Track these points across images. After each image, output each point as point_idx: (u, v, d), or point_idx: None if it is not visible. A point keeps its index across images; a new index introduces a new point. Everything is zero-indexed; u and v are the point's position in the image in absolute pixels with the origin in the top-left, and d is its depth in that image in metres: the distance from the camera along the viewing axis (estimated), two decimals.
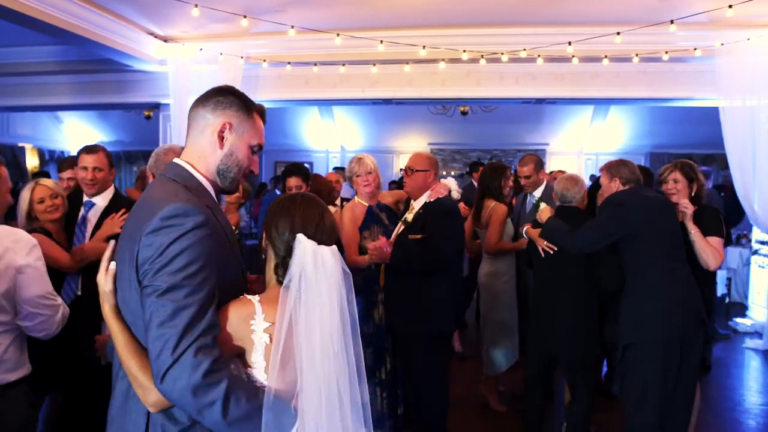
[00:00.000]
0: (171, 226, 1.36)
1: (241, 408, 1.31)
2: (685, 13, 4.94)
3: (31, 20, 4.82)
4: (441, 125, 10.66)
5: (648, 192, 3.30)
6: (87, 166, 3.22)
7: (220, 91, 1.62)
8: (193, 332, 1.30)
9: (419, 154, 3.57)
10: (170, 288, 1.33)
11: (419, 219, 3.34)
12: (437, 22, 5.74)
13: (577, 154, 11.22)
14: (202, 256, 1.36)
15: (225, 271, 1.48)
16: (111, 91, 7.27)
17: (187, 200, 1.43)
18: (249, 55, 6.31)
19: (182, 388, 1.28)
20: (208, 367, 1.29)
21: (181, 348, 1.29)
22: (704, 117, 6.54)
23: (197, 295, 1.33)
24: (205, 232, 1.39)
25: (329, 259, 1.42)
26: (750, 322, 6.72)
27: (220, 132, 1.58)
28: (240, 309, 1.41)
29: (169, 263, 1.34)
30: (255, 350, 1.38)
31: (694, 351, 3.10)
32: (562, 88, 6.42)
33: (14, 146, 11.22)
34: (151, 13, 5.70)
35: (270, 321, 1.38)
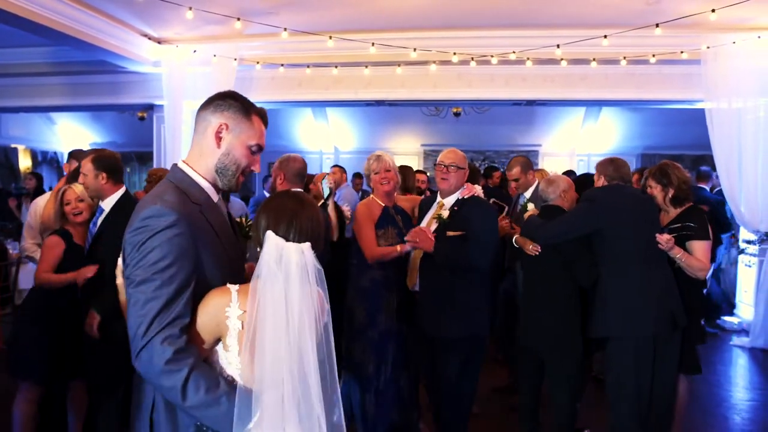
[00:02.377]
0: (146, 227, 1.51)
1: (199, 396, 1.45)
2: (670, 17, 5.02)
3: (24, 22, 4.84)
4: (434, 126, 10.71)
5: (627, 189, 3.34)
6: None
7: (222, 95, 1.73)
8: (159, 321, 1.46)
9: (455, 151, 3.40)
10: (142, 281, 1.49)
11: (456, 216, 3.24)
12: (427, 24, 5.81)
13: (570, 155, 11.27)
14: (171, 254, 1.50)
15: (211, 264, 1.60)
16: (104, 93, 7.29)
17: (166, 202, 1.55)
18: (242, 57, 6.36)
19: (150, 370, 1.46)
20: (170, 356, 1.44)
21: (149, 335, 1.45)
22: (695, 118, 6.62)
23: (165, 289, 1.48)
24: (177, 231, 1.51)
25: (294, 257, 1.50)
26: (737, 320, 6.81)
27: (217, 132, 1.68)
28: (219, 297, 1.53)
29: (142, 259, 1.49)
30: (229, 335, 1.50)
31: (671, 349, 3.15)
32: (551, 90, 6.50)
33: (7, 147, 11.22)
34: (144, 15, 5.73)
35: (243, 309, 1.49)
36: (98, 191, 3.27)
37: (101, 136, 11.82)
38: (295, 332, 1.46)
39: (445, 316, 3.19)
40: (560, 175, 3.79)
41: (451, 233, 3.18)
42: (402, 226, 3.51)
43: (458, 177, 3.31)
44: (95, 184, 3.26)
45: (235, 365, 1.51)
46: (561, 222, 3.31)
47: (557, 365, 3.49)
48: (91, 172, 3.25)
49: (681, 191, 3.36)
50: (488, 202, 3.47)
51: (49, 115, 11.37)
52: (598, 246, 3.23)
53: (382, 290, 3.43)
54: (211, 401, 1.45)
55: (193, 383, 1.44)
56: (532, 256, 3.52)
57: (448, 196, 3.35)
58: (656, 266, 3.16)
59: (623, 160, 3.43)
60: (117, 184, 3.32)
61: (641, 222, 3.20)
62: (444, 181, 3.33)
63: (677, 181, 3.36)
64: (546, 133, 11.08)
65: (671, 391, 3.24)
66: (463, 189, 3.33)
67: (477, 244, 3.13)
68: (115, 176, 3.30)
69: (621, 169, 3.33)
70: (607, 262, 3.21)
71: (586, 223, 3.23)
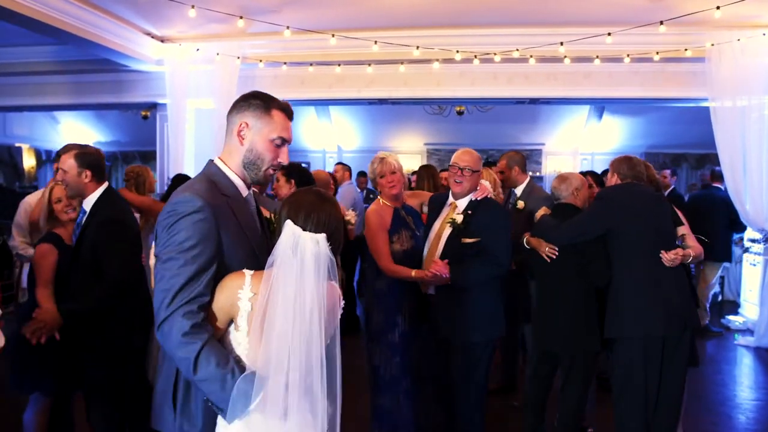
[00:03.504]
0: (174, 211, 1.66)
1: (209, 370, 1.56)
2: (674, 14, 4.99)
3: (28, 20, 4.85)
4: (437, 125, 10.70)
5: (639, 188, 3.31)
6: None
7: (245, 96, 1.84)
8: (181, 297, 1.59)
9: (470, 152, 3.28)
10: (168, 259, 1.62)
11: (470, 221, 3.14)
12: (430, 22, 5.80)
13: (573, 153, 11.26)
14: (195, 236, 1.62)
15: (233, 251, 1.71)
16: (108, 91, 7.29)
17: (195, 190, 1.69)
18: (245, 56, 6.36)
19: (169, 340, 1.59)
20: (187, 329, 1.56)
21: (171, 308, 1.58)
22: (699, 117, 6.59)
23: (189, 267, 1.61)
24: (201, 217, 1.64)
25: (309, 246, 1.59)
26: (742, 320, 6.78)
27: (239, 131, 1.81)
28: (234, 280, 1.63)
29: (170, 239, 1.64)
30: (240, 315, 1.61)
31: (680, 350, 3.12)
32: (555, 88, 6.48)
33: (11, 146, 11.24)
34: (148, 14, 5.74)
35: (254, 292, 1.59)
36: (80, 190, 3.06)
37: (105, 135, 11.84)
38: (306, 321, 1.54)
39: (462, 321, 3.13)
40: (574, 173, 3.74)
41: (466, 240, 3.10)
42: (414, 227, 3.45)
43: (473, 180, 3.22)
44: (77, 182, 3.03)
45: (244, 346, 1.61)
46: (575, 223, 3.31)
47: (573, 367, 3.47)
48: (73, 168, 3.01)
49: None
50: (500, 204, 3.39)
51: (53, 114, 11.39)
52: (610, 245, 3.23)
53: (399, 293, 3.37)
54: (219, 376, 1.55)
55: (205, 357, 1.56)
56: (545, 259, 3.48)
57: (460, 198, 3.26)
58: (667, 266, 3.13)
59: (639, 158, 3.39)
60: (99, 182, 3.10)
61: (651, 221, 3.18)
62: (458, 184, 3.23)
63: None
64: (549, 131, 11.06)
65: (679, 391, 3.20)
66: (476, 191, 3.24)
67: (492, 255, 3.06)
68: (98, 174, 3.09)
69: (635, 168, 3.32)
70: (618, 261, 3.20)
71: (599, 222, 3.23)
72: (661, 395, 3.14)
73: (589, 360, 3.49)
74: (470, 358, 3.16)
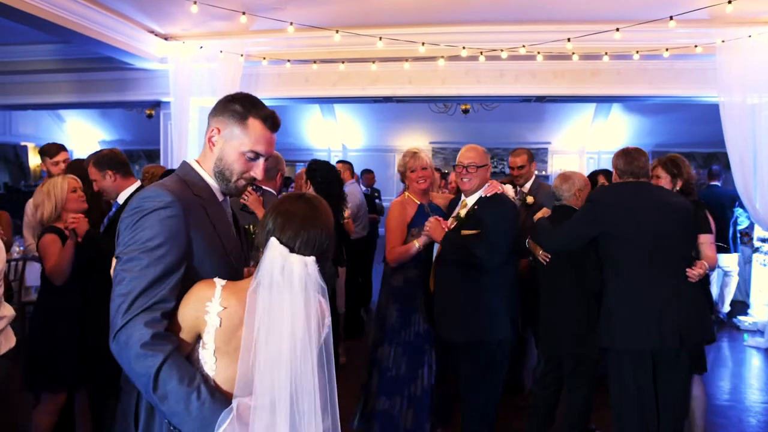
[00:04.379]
0: (140, 207, 1.48)
1: (170, 387, 1.36)
2: (684, 9, 4.91)
3: (32, 18, 4.83)
4: (442, 124, 10.67)
5: (636, 187, 3.04)
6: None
7: (226, 98, 1.67)
8: (141, 302, 1.40)
9: (475, 147, 3.22)
10: (129, 259, 1.44)
11: (473, 215, 3.11)
12: (435, 19, 5.73)
13: (579, 152, 11.20)
14: (162, 234, 1.45)
15: (204, 254, 1.54)
16: (112, 90, 7.27)
17: (164, 186, 1.53)
18: (249, 53, 6.32)
19: (125, 352, 1.40)
20: (147, 339, 1.37)
21: (129, 315, 1.40)
22: (707, 115, 6.52)
23: (152, 269, 1.42)
24: (170, 213, 1.47)
25: (297, 270, 1.43)
26: (751, 320, 6.69)
27: (209, 137, 1.65)
28: (202, 289, 1.46)
29: (133, 237, 1.46)
30: (207, 331, 1.43)
31: (677, 365, 2.93)
32: (562, 86, 6.40)
33: (17, 145, 11.27)
34: (151, 11, 5.71)
35: (224, 306, 1.43)
36: (114, 190, 3.26)
37: (110, 134, 11.86)
38: (296, 346, 1.39)
39: (457, 320, 3.07)
40: (577, 173, 3.60)
41: (465, 232, 3.06)
42: None
43: (479, 175, 3.14)
44: (107, 185, 3.25)
45: (210, 365, 1.44)
46: (564, 230, 3.13)
47: (578, 371, 3.42)
48: (97, 175, 3.25)
49: (688, 186, 3.29)
50: (511, 201, 3.27)
51: (59, 113, 11.43)
52: (600, 250, 3.04)
53: (416, 290, 3.31)
54: (182, 395, 1.37)
55: (166, 372, 1.37)
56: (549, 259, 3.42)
57: (470, 195, 3.21)
58: (664, 273, 2.91)
59: (640, 151, 3.08)
60: (127, 177, 3.31)
61: (647, 226, 2.91)
62: (465, 182, 3.18)
63: (687, 175, 3.28)
64: (555, 130, 11.01)
65: (681, 399, 3.04)
66: (486, 187, 3.17)
67: (485, 242, 3.01)
68: (122, 170, 3.28)
69: (633, 163, 3.03)
70: (607, 268, 3.01)
71: (587, 227, 3.02)
72: (662, 403, 2.98)
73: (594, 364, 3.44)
74: (477, 361, 3.07)
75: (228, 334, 1.43)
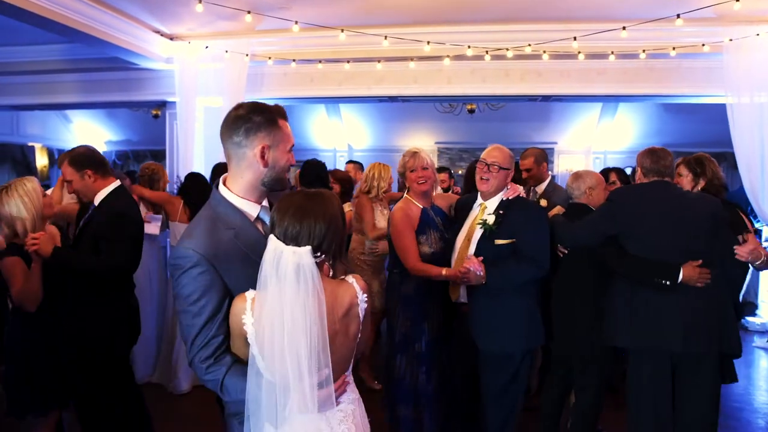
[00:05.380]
0: (177, 265, 1.74)
1: (234, 395, 1.73)
2: (692, 7, 4.87)
3: (38, 18, 4.84)
4: (448, 124, 10.62)
5: (659, 187, 2.99)
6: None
7: (244, 115, 1.77)
8: (197, 344, 1.73)
9: (500, 148, 3.09)
10: (181, 311, 1.76)
11: (503, 221, 2.94)
12: (441, 18, 5.71)
13: (586, 152, 11.12)
14: (198, 290, 1.71)
15: (243, 284, 1.73)
16: (118, 90, 7.29)
17: (193, 243, 1.72)
18: (254, 53, 6.32)
19: (198, 375, 1.78)
20: (205, 368, 1.74)
21: (192, 353, 1.75)
22: (715, 115, 6.46)
23: (198, 318, 1.72)
24: (200, 270, 1.71)
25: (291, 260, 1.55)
26: (760, 321, 6.64)
27: (261, 155, 1.78)
28: (237, 305, 1.68)
29: (179, 291, 1.75)
30: (249, 338, 1.64)
31: (700, 373, 2.85)
32: (568, 85, 6.37)
33: (24, 145, 11.31)
34: (156, 11, 5.72)
35: (255, 316, 1.62)
36: (90, 191, 3.06)
37: (116, 135, 11.89)
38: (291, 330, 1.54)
39: (499, 330, 2.95)
40: (590, 171, 3.60)
41: (499, 242, 2.91)
42: (443, 228, 3.26)
43: (500, 178, 3.02)
44: (84, 185, 3.04)
45: (261, 362, 1.63)
46: (582, 224, 3.10)
47: (586, 372, 3.38)
48: (74, 175, 3.02)
49: (712, 186, 3.19)
50: (534, 202, 3.24)
51: (65, 113, 11.46)
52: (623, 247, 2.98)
53: (426, 298, 3.21)
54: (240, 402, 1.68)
55: (227, 386, 1.73)
56: (562, 260, 3.39)
57: (489, 198, 3.07)
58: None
59: (666, 151, 3.04)
60: (106, 177, 3.10)
61: (668, 227, 2.86)
62: (484, 182, 3.03)
63: (711, 174, 3.19)
64: (562, 130, 10.94)
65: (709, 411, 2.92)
66: (506, 190, 3.05)
67: (530, 257, 2.86)
68: (101, 170, 3.07)
69: (659, 162, 2.98)
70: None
71: (605, 225, 2.99)
72: (688, 415, 2.88)
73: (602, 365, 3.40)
74: (506, 371, 2.98)
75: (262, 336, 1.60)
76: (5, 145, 10.80)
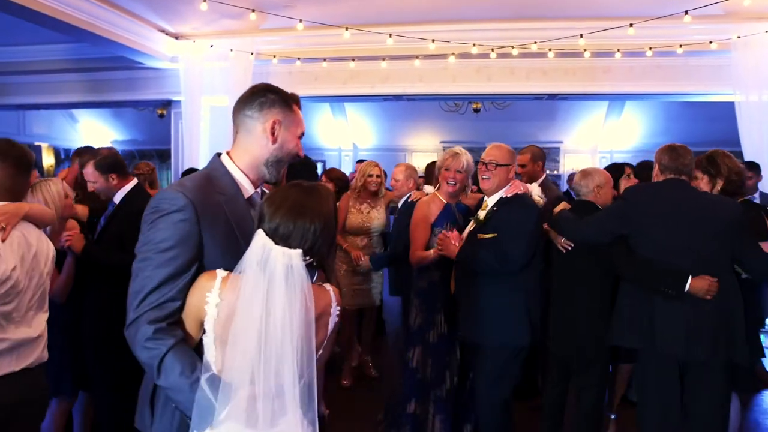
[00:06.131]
0: (156, 207, 1.57)
1: (172, 378, 1.47)
2: (699, 4, 4.83)
3: (44, 17, 4.88)
4: (453, 123, 10.60)
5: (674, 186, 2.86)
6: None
7: (261, 90, 1.75)
8: (149, 300, 1.51)
9: (498, 146, 3.12)
10: (143, 258, 1.55)
11: (491, 217, 3.02)
12: (446, 16, 5.70)
13: (592, 151, 11.08)
14: (173, 237, 1.53)
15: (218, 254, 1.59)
16: (123, 89, 7.33)
17: (182, 187, 1.60)
18: (259, 52, 6.32)
19: (133, 342, 1.52)
20: (150, 335, 1.48)
21: (139, 311, 1.51)
22: (722, 113, 6.41)
23: (162, 270, 1.52)
24: (182, 217, 1.55)
25: (280, 261, 1.44)
26: None
27: (271, 129, 1.72)
28: (203, 280, 1.52)
29: (148, 237, 1.56)
30: (207, 320, 1.49)
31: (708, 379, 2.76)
32: (573, 83, 6.35)
33: (31, 145, 11.36)
34: (161, 10, 5.73)
35: (222, 297, 1.47)
36: (112, 191, 3.27)
37: (122, 134, 11.93)
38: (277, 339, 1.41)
39: (477, 323, 2.99)
40: (598, 169, 3.54)
41: (481, 236, 2.97)
42: (463, 224, 3.29)
43: (500, 175, 3.04)
44: (107, 187, 3.26)
45: (212, 352, 1.49)
46: (590, 222, 3.03)
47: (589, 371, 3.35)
48: (99, 177, 3.23)
49: (731, 183, 3.02)
50: (531, 202, 3.16)
51: (71, 112, 11.51)
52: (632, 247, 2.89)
53: (439, 292, 3.28)
54: (184, 385, 1.47)
55: (169, 363, 1.48)
56: (564, 256, 3.35)
57: (491, 195, 3.10)
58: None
59: (686, 148, 2.90)
60: (126, 178, 3.32)
61: (681, 229, 2.74)
62: (485, 181, 3.08)
63: (727, 171, 3.02)
64: (567, 129, 10.90)
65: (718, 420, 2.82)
66: (507, 187, 3.07)
67: (498, 249, 2.89)
68: (122, 172, 3.29)
69: (678, 160, 2.84)
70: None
71: (614, 223, 2.90)
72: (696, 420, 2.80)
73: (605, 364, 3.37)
74: (490, 365, 3.00)
75: (225, 323, 1.45)
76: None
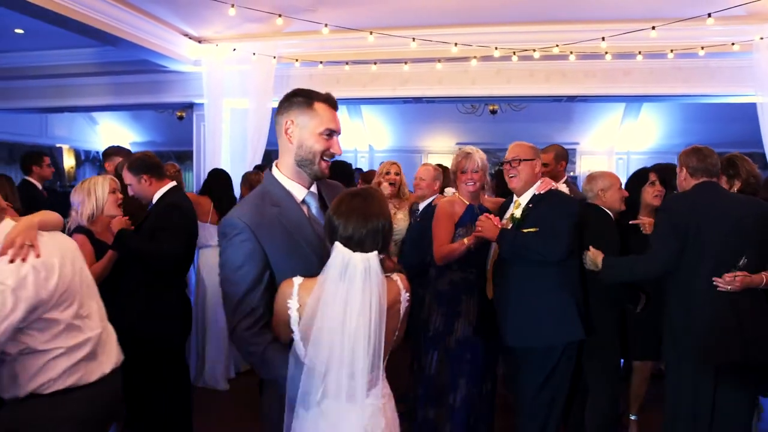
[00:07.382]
0: (223, 233, 1.81)
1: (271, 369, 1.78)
2: (722, 6, 4.83)
3: (70, 22, 4.96)
4: (470, 125, 10.61)
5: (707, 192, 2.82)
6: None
7: (287, 95, 1.88)
8: (238, 312, 1.77)
9: (519, 144, 3.13)
10: (224, 279, 1.80)
11: (530, 213, 2.98)
12: (469, 20, 5.73)
13: (608, 153, 11.03)
14: (240, 257, 1.76)
15: (284, 260, 1.79)
16: (146, 92, 7.41)
17: (239, 212, 1.80)
18: (281, 55, 6.38)
19: (239, 348, 1.86)
20: (248, 338, 1.77)
21: (233, 322, 1.79)
22: (740, 114, 6.38)
23: (240, 286, 1.76)
24: (243, 238, 1.76)
25: (360, 266, 1.64)
26: None
27: (285, 130, 1.85)
28: (284, 289, 1.72)
29: (223, 262, 1.81)
30: (292, 323, 1.70)
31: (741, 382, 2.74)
32: (593, 85, 6.34)
33: (52, 147, 11.54)
34: (185, 14, 5.81)
35: (300, 303, 1.67)
36: (149, 193, 3.31)
37: (141, 136, 12.06)
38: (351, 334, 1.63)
39: (521, 324, 2.94)
40: (604, 172, 3.54)
41: (524, 231, 2.94)
42: None
43: (527, 170, 3.03)
44: (142, 189, 3.30)
45: (301, 349, 1.70)
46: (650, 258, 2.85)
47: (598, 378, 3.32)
48: (132, 179, 3.29)
49: (749, 185, 3.04)
50: (570, 196, 3.16)
51: (92, 115, 11.67)
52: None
53: (461, 294, 3.22)
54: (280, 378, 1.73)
55: (268, 359, 1.76)
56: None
57: (522, 194, 3.10)
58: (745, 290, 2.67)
59: (710, 149, 2.89)
60: (161, 180, 3.34)
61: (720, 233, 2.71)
62: (511, 179, 3.08)
63: (745, 173, 3.06)
64: (584, 130, 10.87)
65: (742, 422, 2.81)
66: (539, 184, 3.07)
67: (544, 236, 2.86)
68: (157, 174, 3.32)
69: (706, 160, 2.82)
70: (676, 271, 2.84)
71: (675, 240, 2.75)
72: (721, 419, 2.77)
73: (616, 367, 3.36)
74: (539, 367, 2.95)
75: (308, 324, 1.66)
76: (34, 146, 11.03)
